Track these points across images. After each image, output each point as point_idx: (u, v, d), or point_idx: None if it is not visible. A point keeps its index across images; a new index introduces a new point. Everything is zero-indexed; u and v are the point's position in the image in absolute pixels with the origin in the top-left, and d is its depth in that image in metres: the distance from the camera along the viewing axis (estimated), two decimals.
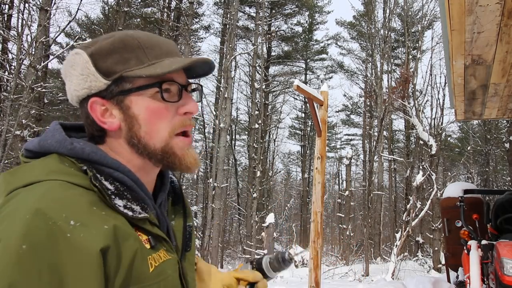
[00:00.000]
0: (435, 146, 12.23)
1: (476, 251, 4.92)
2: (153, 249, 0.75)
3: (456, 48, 4.27)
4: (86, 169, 0.73)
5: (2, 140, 9.06)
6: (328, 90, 6.17)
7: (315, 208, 5.78)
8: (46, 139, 0.77)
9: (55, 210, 0.63)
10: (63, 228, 0.62)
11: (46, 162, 0.74)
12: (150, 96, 0.78)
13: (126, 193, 0.75)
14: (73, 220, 0.64)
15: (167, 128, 0.79)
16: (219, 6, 22.49)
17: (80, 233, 0.63)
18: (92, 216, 0.67)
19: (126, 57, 0.78)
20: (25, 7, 11.16)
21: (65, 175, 0.71)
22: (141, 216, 0.74)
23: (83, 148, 0.76)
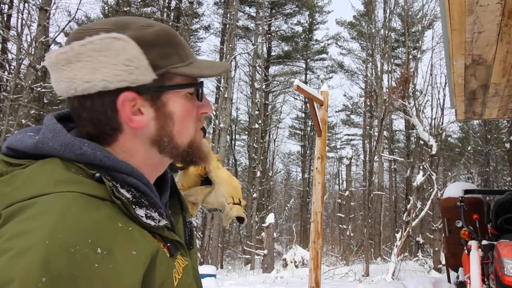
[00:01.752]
0: (435, 146, 12.23)
1: (476, 251, 4.91)
2: (172, 257, 0.69)
3: (457, 48, 4.26)
4: (100, 176, 0.64)
5: (1, 140, 9.06)
6: (328, 90, 6.16)
7: (315, 208, 5.77)
8: (46, 142, 0.66)
9: (77, 234, 0.54)
10: (90, 256, 0.53)
11: (50, 169, 0.63)
12: (184, 94, 0.76)
13: (143, 200, 0.68)
14: (100, 247, 0.55)
15: (194, 126, 0.79)
16: (219, 6, 22.51)
17: (109, 263, 0.55)
18: (119, 239, 0.58)
19: (168, 52, 0.72)
20: (24, 7, 11.17)
21: (78, 185, 0.62)
22: (162, 224, 0.67)
23: (94, 152, 0.66)
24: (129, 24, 0.70)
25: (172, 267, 0.67)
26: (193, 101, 0.78)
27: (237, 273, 15.12)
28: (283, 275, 11.44)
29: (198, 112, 0.79)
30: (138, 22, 0.71)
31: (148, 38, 0.70)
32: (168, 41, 0.72)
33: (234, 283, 9.71)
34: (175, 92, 0.74)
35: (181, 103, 0.75)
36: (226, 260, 21.53)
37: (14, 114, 10.21)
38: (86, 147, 0.66)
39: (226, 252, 22.33)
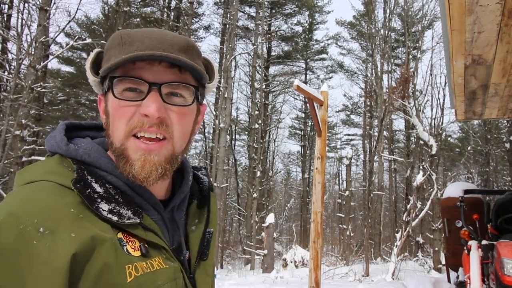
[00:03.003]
0: (435, 146, 12.23)
1: (476, 251, 4.91)
2: (144, 257, 0.71)
3: (456, 48, 4.26)
4: (75, 170, 0.73)
5: (1, 140, 9.05)
6: (328, 90, 6.16)
7: (315, 208, 5.77)
8: (50, 140, 0.79)
9: (29, 214, 0.62)
10: (32, 234, 0.61)
11: (47, 162, 0.75)
12: (115, 93, 0.75)
13: (117, 196, 0.73)
14: (44, 226, 0.62)
15: (124, 128, 0.74)
16: (219, 6, 22.51)
17: (46, 242, 0.61)
18: (65, 221, 0.64)
19: (110, 54, 0.77)
20: (24, 7, 11.16)
21: (57, 176, 0.71)
22: (129, 221, 0.71)
23: (77, 149, 0.76)
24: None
25: (125, 262, 0.68)
26: (119, 99, 0.75)
27: (237, 273, 15.11)
28: (283, 275, 11.44)
29: (140, 113, 0.74)
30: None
31: (105, 46, 0.80)
32: (110, 45, 0.78)
33: (234, 283, 9.70)
34: (110, 91, 0.76)
35: (111, 101, 0.77)
36: (226, 260, 21.52)
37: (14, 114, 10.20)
38: (72, 145, 0.77)
39: (226, 252, 22.33)
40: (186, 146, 0.81)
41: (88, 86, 18.95)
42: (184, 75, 0.78)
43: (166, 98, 0.76)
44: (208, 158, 19.82)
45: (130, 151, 0.74)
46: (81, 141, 0.79)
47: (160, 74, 0.75)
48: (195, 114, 0.83)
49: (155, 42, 0.75)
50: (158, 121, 0.74)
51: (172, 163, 0.78)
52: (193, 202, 0.90)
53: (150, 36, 0.76)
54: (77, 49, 20.37)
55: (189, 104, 0.79)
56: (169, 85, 0.76)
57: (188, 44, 0.79)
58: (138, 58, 0.72)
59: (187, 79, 0.79)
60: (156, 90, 0.74)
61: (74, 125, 0.85)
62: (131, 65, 0.74)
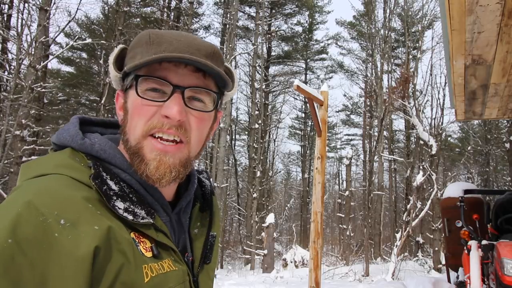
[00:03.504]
0: (435, 146, 12.22)
1: (476, 251, 4.91)
2: (155, 258, 0.71)
3: (456, 48, 4.26)
4: (91, 165, 0.72)
5: (1, 140, 9.05)
6: (328, 90, 6.16)
7: (315, 208, 5.77)
8: (62, 133, 0.78)
9: (47, 206, 0.61)
10: (52, 226, 0.60)
11: (58, 156, 0.74)
12: (139, 91, 0.75)
13: (131, 195, 0.72)
14: (64, 219, 0.61)
15: (142, 127, 0.74)
16: (219, 6, 22.50)
17: (68, 234, 0.60)
18: (85, 215, 0.64)
19: (136, 52, 0.77)
20: (24, 7, 11.17)
21: (71, 170, 0.70)
22: (144, 221, 0.70)
23: (92, 144, 0.75)
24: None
25: (141, 262, 0.68)
26: (141, 98, 0.74)
27: (237, 273, 15.11)
28: (283, 275, 11.43)
29: (161, 114, 0.74)
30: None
31: (130, 44, 0.81)
32: (137, 44, 0.78)
33: (234, 283, 9.70)
34: (133, 88, 0.76)
35: (132, 99, 0.77)
36: (226, 260, 21.52)
37: (14, 114, 10.20)
38: (87, 139, 0.76)
39: (226, 252, 22.32)
40: (200, 151, 0.82)
41: (88, 86, 18.98)
42: (207, 81, 0.78)
43: (188, 102, 0.76)
44: (208, 158, 19.82)
45: (146, 150, 0.74)
46: (94, 136, 0.79)
47: (185, 77, 0.75)
48: (212, 120, 0.83)
49: (183, 45, 0.75)
50: (178, 123, 0.74)
51: (186, 167, 0.78)
52: (195, 205, 0.90)
53: (179, 39, 0.76)
54: (77, 49, 20.36)
55: (210, 110, 0.79)
56: (193, 89, 0.76)
57: (215, 50, 0.80)
58: (167, 59, 0.73)
59: (210, 85, 0.79)
60: (179, 93, 0.74)
61: (86, 120, 0.84)
62: (157, 65, 0.74)
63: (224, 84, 0.81)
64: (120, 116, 0.80)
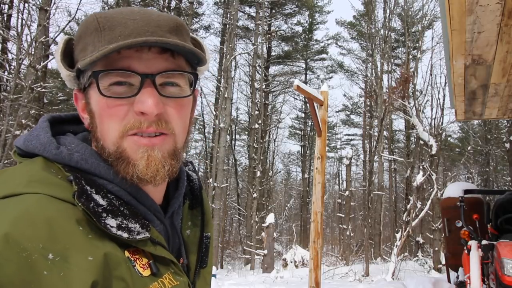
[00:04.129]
0: (435, 146, 12.23)
1: (476, 251, 4.91)
2: (154, 276, 0.62)
3: (457, 48, 4.26)
4: (72, 179, 0.60)
5: (1, 140, 9.06)
6: (328, 90, 6.17)
7: (315, 208, 5.77)
8: (30, 139, 0.65)
9: (30, 238, 0.51)
10: (39, 263, 0.50)
11: (28, 168, 0.62)
12: (101, 90, 0.63)
13: (122, 208, 0.62)
14: (52, 252, 0.51)
15: (117, 128, 0.63)
16: (219, 6, 22.50)
17: (59, 271, 0.51)
18: (75, 243, 0.54)
19: (85, 43, 0.65)
20: (24, 7, 11.17)
21: (48, 187, 0.58)
22: (140, 236, 0.61)
23: (71, 154, 0.63)
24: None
25: (141, 285, 0.60)
26: (106, 97, 0.63)
27: (237, 273, 15.12)
28: (283, 275, 11.44)
29: (134, 110, 0.64)
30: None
31: (76, 34, 0.67)
32: (85, 32, 0.65)
33: (234, 283, 9.71)
34: (94, 87, 0.64)
35: (96, 99, 0.65)
36: (226, 260, 21.52)
37: (14, 114, 10.21)
38: (64, 148, 0.64)
39: (226, 252, 22.32)
40: (186, 141, 0.72)
41: None
42: (178, 61, 0.67)
43: (162, 89, 0.65)
44: (208, 158, 19.82)
45: (129, 151, 0.63)
46: (69, 141, 0.67)
47: (152, 62, 0.64)
48: (191, 103, 0.73)
49: (140, 24, 0.63)
50: (156, 118, 0.63)
51: (177, 159, 0.68)
52: (185, 203, 0.80)
53: (133, 18, 0.64)
54: None
55: (188, 94, 0.69)
56: (164, 74, 0.65)
57: (178, 23, 0.68)
58: (127, 46, 0.60)
59: (181, 65, 0.68)
60: (150, 82, 0.63)
61: (55, 119, 0.72)
62: (116, 54, 0.62)
63: (198, 59, 0.69)
64: (86, 120, 0.68)
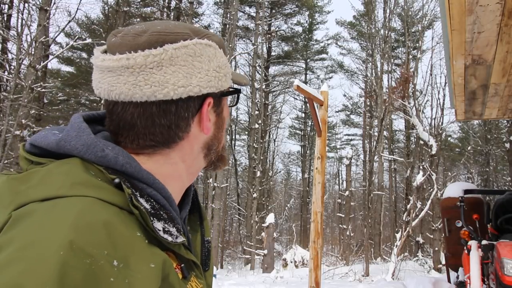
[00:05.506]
0: (435, 146, 12.23)
1: (476, 251, 4.91)
2: (185, 279, 0.63)
3: (456, 48, 4.26)
4: (119, 182, 0.60)
5: (1, 140, 9.06)
6: (328, 90, 6.17)
7: (315, 208, 5.77)
8: (69, 140, 0.62)
9: (95, 244, 0.50)
10: (106, 270, 0.49)
11: (67, 170, 0.59)
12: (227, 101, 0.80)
13: (162, 212, 0.62)
14: (117, 259, 0.51)
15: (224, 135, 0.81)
16: (219, 6, 22.51)
17: (125, 278, 0.50)
18: (136, 249, 0.54)
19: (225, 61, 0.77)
20: (24, 7, 11.17)
21: (95, 190, 0.57)
22: (180, 240, 0.62)
23: (116, 157, 0.62)
24: (198, 31, 0.70)
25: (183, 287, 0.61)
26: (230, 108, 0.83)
27: (237, 273, 15.12)
28: (283, 275, 11.44)
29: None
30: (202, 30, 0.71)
31: (223, 46, 0.74)
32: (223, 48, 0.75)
33: (234, 283, 9.71)
34: (226, 98, 0.78)
35: (227, 109, 0.79)
36: (226, 260, 21.52)
37: (14, 114, 10.21)
38: (109, 150, 0.62)
39: (226, 252, 22.33)
40: None
41: (88, 86, 18.96)
42: None
43: None
44: None
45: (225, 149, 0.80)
46: (107, 144, 0.65)
47: None
48: None
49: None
50: None
51: None
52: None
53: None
54: (77, 49, 20.38)
55: None
56: None
57: None
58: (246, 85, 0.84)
59: None
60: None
61: (90, 118, 0.71)
62: None
63: None
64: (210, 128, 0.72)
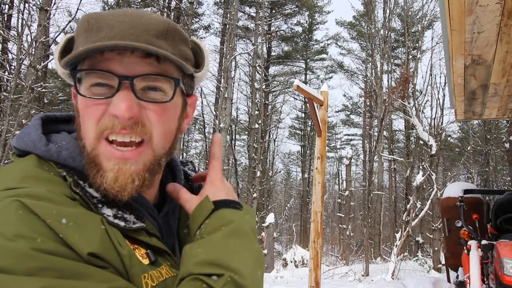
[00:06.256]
0: (435, 146, 12.23)
1: (476, 251, 4.92)
2: (152, 265, 0.64)
3: (456, 48, 4.26)
4: (64, 175, 0.63)
5: (2, 140, 9.06)
6: (328, 90, 6.17)
7: (315, 208, 5.78)
8: (23, 137, 0.67)
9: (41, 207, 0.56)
10: (56, 225, 0.55)
11: (22, 165, 0.64)
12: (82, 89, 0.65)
13: (116, 201, 0.64)
14: (66, 218, 0.56)
15: (94, 129, 0.64)
16: (219, 6, 22.50)
17: (74, 233, 0.56)
18: (85, 219, 0.59)
19: (77, 42, 0.67)
20: (25, 7, 11.18)
21: (43, 182, 0.61)
22: (136, 226, 0.64)
23: (59, 151, 0.65)
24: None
25: (140, 271, 0.62)
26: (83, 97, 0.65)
27: None
28: (283, 275, 11.45)
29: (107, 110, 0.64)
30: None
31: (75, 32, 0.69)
32: (78, 31, 0.67)
33: None
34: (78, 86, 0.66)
35: (79, 98, 0.67)
36: None
37: (15, 114, 10.21)
38: (53, 145, 0.66)
39: None
40: (171, 146, 0.71)
41: None
42: (163, 65, 0.67)
43: (142, 94, 0.65)
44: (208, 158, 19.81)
45: (102, 158, 0.64)
46: (60, 138, 0.68)
47: (133, 65, 0.64)
48: (180, 108, 0.72)
49: (126, 27, 0.63)
50: (131, 122, 0.63)
51: (153, 172, 0.68)
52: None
53: (122, 20, 0.64)
54: None
55: (168, 100, 0.67)
56: (144, 77, 0.65)
57: (169, 27, 0.67)
58: (102, 48, 0.61)
59: (166, 70, 0.67)
60: (127, 85, 0.63)
61: (50, 118, 0.74)
62: (99, 55, 0.63)
63: (181, 67, 0.68)
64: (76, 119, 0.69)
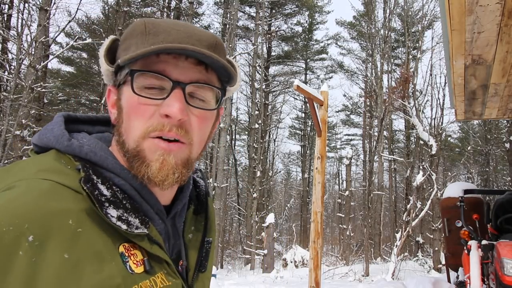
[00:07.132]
0: (435, 146, 12.22)
1: (476, 251, 4.92)
2: (147, 273, 0.64)
3: (456, 48, 4.26)
4: (79, 168, 0.64)
5: (2, 140, 9.06)
6: (328, 90, 6.17)
7: (315, 208, 5.78)
8: (45, 133, 0.70)
9: (16, 216, 0.54)
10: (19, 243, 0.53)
11: (41, 159, 0.66)
12: (135, 88, 0.67)
13: (125, 202, 0.65)
14: (34, 235, 0.54)
15: (141, 128, 0.67)
16: (219, 6, 22.50)
17: (33, 256, 0.53)
18: (59, 235, 0.56)
19: (129, 43, 0.69)
20: (24, 7, 11.17)
21: (56, 175, 0.62)
22: (138, 231, 0.63)
23: (81, 145, 0.67)
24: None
25: (131, 282, 0.61)
26: (138, 96, 0.67)
27: (237, 273, 15.12)
28: (283, 275, 11.45)
29: (160, 113, 0.67)
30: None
31: (123, 35, 0.73)
32: (131, 34, 0.70)
33: (234, 283, 9.71)
34: (127, 84, 0.69)
35: (127, 96, 0.69)
36: (226, 260, 21.53)
37: (14, 114, 10.21)
38: (76, 140, 0.69)
39: (226, 252, 22.33)
40: (201, 153, 0.74)
41: (88, 86, 18.99)
42: (210, 75, 0.71)
43: (189, 99, 0.69)
44: (208, 158, 19.81)
45: (147, 151, 0.66)
46: (81, 136, 0.71)
47: (186, 71, 0.68)
48: (214, 118, 0.76)
49: (183, 35, 0.67)
50: (178, 123, 0.66)
51: (188, 168, 0.70)
52: (190, 208, 0.83)
53: (177, 29, 0.68)
54: (77, 49, 20.37)
55: (213, 108, 0.72)
56: (195, 85, 0.69)
57: (217, 41, 0.72)
58: (167, 50, 0.65)
59: (212, 80, 0.71)
60: (180, 89, 0.67)
61: (71, 118, 0.76)
62: (155, 58, 0.67)
63: (229, 78, 0.73)
64: (114, 115, 0.72)
